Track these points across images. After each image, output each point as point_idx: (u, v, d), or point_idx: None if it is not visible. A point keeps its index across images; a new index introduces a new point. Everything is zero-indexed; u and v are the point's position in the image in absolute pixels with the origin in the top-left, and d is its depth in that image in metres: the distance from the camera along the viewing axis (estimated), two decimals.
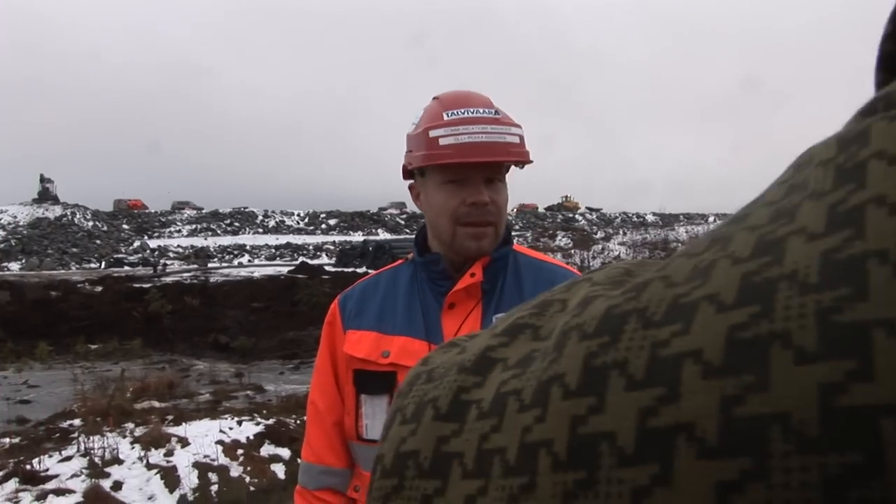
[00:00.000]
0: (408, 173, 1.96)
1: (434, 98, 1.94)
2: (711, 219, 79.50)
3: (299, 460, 2.07)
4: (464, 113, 1.82)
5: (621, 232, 73.83)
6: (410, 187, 1.96)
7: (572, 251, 60.38)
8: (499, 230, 1.87)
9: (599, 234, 72.25)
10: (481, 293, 1.86)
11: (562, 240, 68.32)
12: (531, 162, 1.87)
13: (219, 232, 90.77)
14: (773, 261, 0.29)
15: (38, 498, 7.70)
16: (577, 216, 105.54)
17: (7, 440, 11.06)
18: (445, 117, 1.82)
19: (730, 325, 0.29)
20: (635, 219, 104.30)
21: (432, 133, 1.81)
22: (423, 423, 0.43)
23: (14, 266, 64.11)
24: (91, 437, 9.51)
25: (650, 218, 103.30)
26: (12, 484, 8.19)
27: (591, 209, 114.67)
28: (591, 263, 57.17)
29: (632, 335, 0.32)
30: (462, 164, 1.79)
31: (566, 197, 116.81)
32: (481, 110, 1.83)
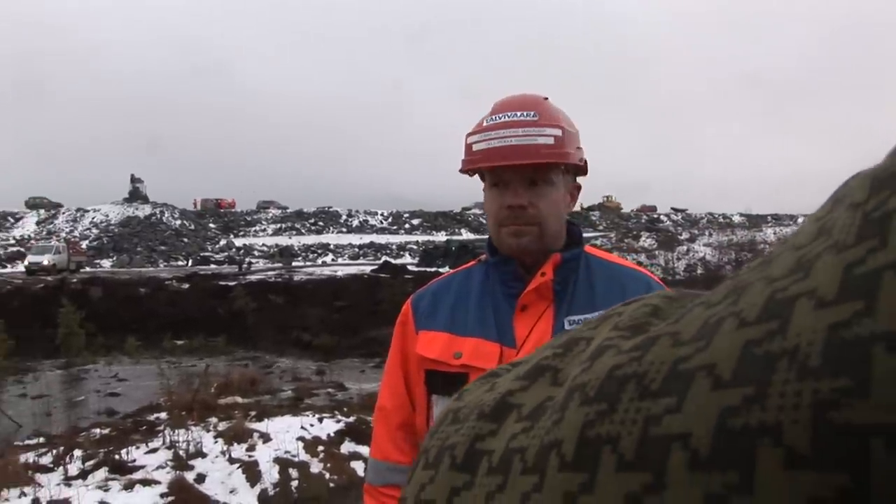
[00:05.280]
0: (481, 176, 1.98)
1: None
2: (801, 219, 77.42)
3: (369, 458, 2.07)
4: (501, 117, 1.83)
5: (707, 233, 72.55)
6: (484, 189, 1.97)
7: (657, 252, 59.63)
8: (544, 230, 1.84)
9: (684, 235, 71.09)
10: (553, 294, 1.84)
11: (646, 241, 67.51)
12: (572, 163, 1.86)
13: (303, 231, 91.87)
14: (777, 329, 0.28)
15: (125, 487, 7.86)
16: (661, 217, 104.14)
17: (98, 431, 11.36)
18: (485, 123, 1.85)
19: (722, 407, 0.28)
20: (721, 220, 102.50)
21: (468, 139, 1.86)
22: (441, 470, 0.42)
23: (106, 263, 65.79)
24: (176, 431, 9.69)
25: (737, 219, 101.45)
26: (102, 473, 8.38)
27: (676, 209, 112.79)
28: (675, 265, 56.41)
29: (627, 406, 0.31)
30: (495, 167, 1.82)
31: (608, 197, 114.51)
32: (519, 113, 1.83)
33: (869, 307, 0.25)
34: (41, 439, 11.14)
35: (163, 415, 12.08)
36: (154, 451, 9.20)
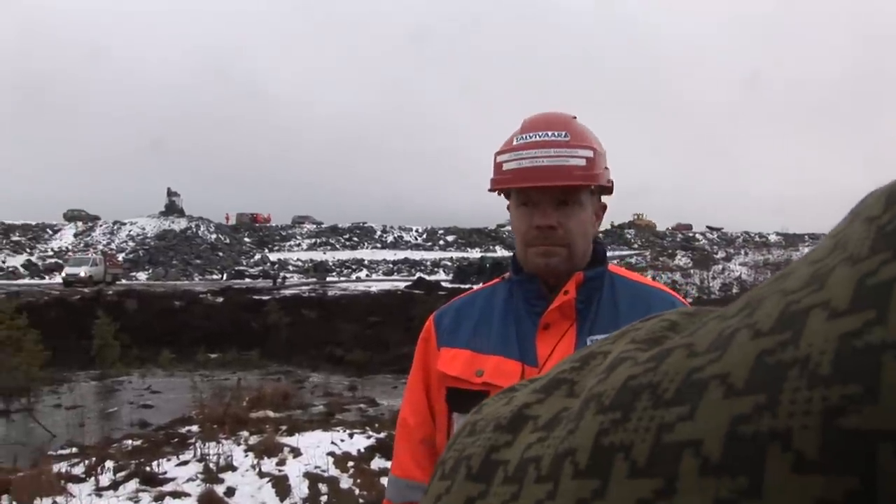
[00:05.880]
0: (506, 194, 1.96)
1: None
2: None
3: (389, 475, 2.03)
4: (532, 136, 1.82)
5: (743, 252, 72.03)
6: (508, 207, 1.95)
7: (692, 271, 59.23)
8: (573, 251, 1.83)
9: (720, 254, 70.63)
10: (576, 313, 1.81)
11: (681, 259, 67.10)
12: (602, 184, 1.85)
13: (337, 246, 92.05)
14: (790, 339, 0.28)
15: (156, 499, 7.89)
16: (697, 235, 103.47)
17: (130, 442, 11.43)
18: (515, 142, 1.83)
19: (733, 415, 0.28)
20: (757, 238, 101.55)
21: (498, 158, 1.85)
22: (457, 480, 0.42)
23: (142, 276, 66.36)
24: (207, 444, 9.73)
25: (773, 238, 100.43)
26: (133, 484, 8.43)
27: (711, 228, 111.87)
28: (710, 284, 56.00)
29: (641, 414, 0.32)
30: (523, 188, 1.81)
31: (638, 215, 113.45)
32: (550, 133, 1.81)
33: (880, 316, 0.25)
34: (74, 449, 11.25)
35: (194, 427, 12.14)
36: (185, 463, 9.24)
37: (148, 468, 8.92)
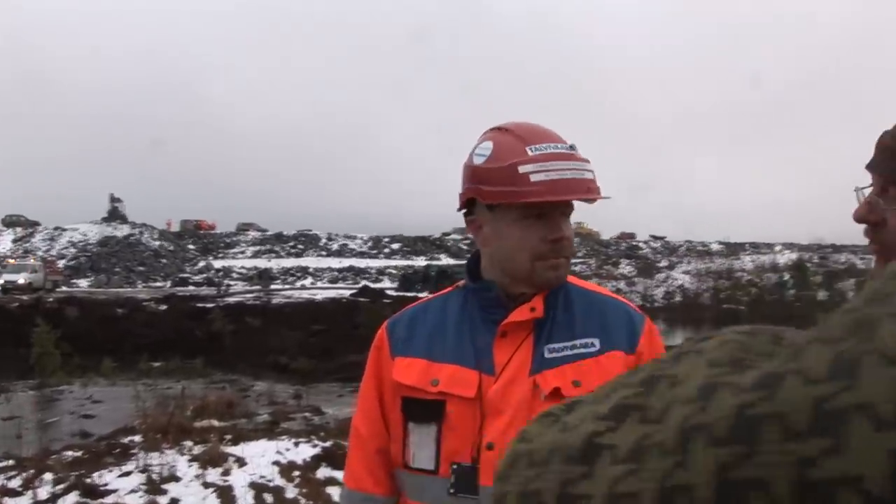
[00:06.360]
0: (465, 205, 1.89)
1: (498, 129, 1.87)
2: (778, 247, 78.07)
3: (342, 487, 2.00)
4: (546, 148, 1.76)
5: (685, 260, 72.91)
6: (471, 220, 1.89)
7: (635, 279, 59.91)
8: (569, 261, 1.83)
9: (663, 263, 71.44)
10: (532, 323, 1.80)
11: (625, 268, 67.79)
12: (604, 198, 1.82)
13: (282, 254, 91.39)
14: None
15: None
16: (640, 244, 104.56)
17: (70, 454, 11.22)
18: (530, 152, 1.75)
19: (890, 448, 0.27)
20: (700, 247, 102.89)
21: (522, 169, 1.73)
22: None
23: (83, 283, 65.36)
24: (150, 454, 9.59)
25: (715, 247, 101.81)
26: (73, 497, 8.27)
27: (654, 237, 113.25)
28: (654, 292, 56.67)
29: (771, 447, 0.30)
30: (539, 201, 1.73)
31: (580, 224, 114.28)
32: (559, 145, 1.77)
33: None
34: (11, 462, 10.97)
35: (137, 438, 11.93)
36: (127, 474, 9.09)
37: (88, 480, 8.75)
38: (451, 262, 76.64)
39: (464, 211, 1.92)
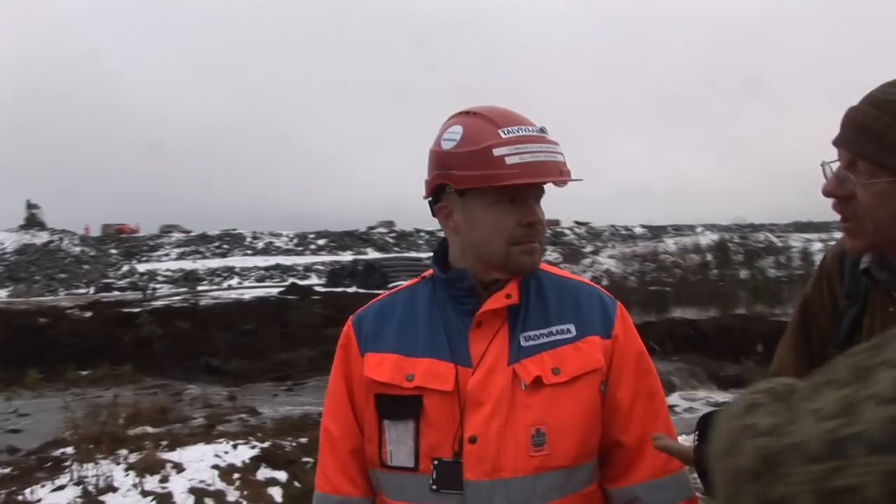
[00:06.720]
0: (432, 191, 1.85)
1: (467, 113, 1.83)
2: (699, 229, 79.58)
3: (315, 492, 1.91)
4: (518, 130, 1.73)
5: (610, 245, 73.84)
6: (440, 207, 1.84)
7: (561, 265, 60.49)
8: (542, 246, 1.82)
9: (588, 248, 72.22)
10: (506, 311, 1.78)
11: (551, 254, 68.40)
12: (576, 180, 1.80)
13: (207, 255, 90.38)
14: None
15: None
16: (565, 230, 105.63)
17: None
18: (503, 135, 1.72)
19: None
20: (623, 231, 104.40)
21: (496, 151, 1.70)
22: None
23: (2, 293, 63.79)
24: (84, 465, 9.38)
25: (638, 230, 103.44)
26: None
27: (578, 223, 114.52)
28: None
29: None
30: (514, 184, 1.71)
31: None
32: (530, 128, 1.75)
33: None
34: None
35: (69, 449, 11.65)
36: (61, 488, 8.89)
37: (20, 497, 8.55)
38: (379, 255, 76.62)
39: (429, 199, 1.87)
